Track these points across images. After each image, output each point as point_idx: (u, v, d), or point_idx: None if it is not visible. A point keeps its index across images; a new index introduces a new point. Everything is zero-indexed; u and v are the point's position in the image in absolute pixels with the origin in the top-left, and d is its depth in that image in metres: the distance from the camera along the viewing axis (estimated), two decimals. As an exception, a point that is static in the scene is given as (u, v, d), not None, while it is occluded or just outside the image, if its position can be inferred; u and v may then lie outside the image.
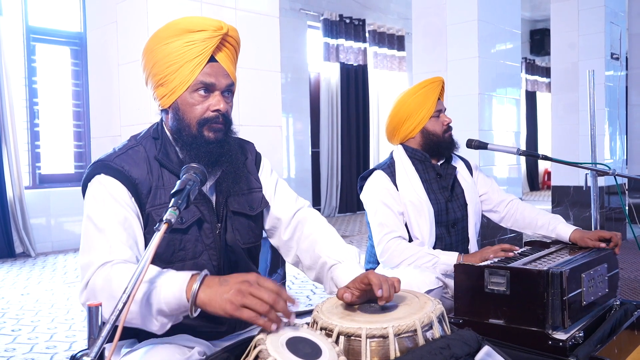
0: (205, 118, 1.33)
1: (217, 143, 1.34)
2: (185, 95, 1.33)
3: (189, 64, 1.30)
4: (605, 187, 5.84)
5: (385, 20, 9.53)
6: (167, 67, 1.32)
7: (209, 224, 1.36)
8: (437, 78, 2.25)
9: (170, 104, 1.35)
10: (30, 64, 6.07)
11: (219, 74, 1.34)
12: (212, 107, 1.33)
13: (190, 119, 1.33)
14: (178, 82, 1.32)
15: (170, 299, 1.08)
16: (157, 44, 1.33)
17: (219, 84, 1.34)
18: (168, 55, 1.31)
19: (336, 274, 1.38)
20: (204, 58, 1.31)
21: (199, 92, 1.33)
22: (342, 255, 1.42)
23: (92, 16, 2.69)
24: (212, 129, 1.33)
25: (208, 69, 1.32)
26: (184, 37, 1.30)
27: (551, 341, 1.47)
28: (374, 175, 2.20)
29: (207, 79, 1.32)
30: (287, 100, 8.05)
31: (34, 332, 3.27)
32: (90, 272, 1.18)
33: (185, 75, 1.31)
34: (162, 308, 1.09)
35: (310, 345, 1.05)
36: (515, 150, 2.36)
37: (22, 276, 4.86)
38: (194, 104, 1.33)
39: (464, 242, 2.25)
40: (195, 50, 1.30)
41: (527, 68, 13.11)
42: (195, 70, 1.31)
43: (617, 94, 6.17)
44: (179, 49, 1.30)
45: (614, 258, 1.87)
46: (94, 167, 1.33)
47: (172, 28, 1.33)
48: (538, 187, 13.77)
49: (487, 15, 4.24)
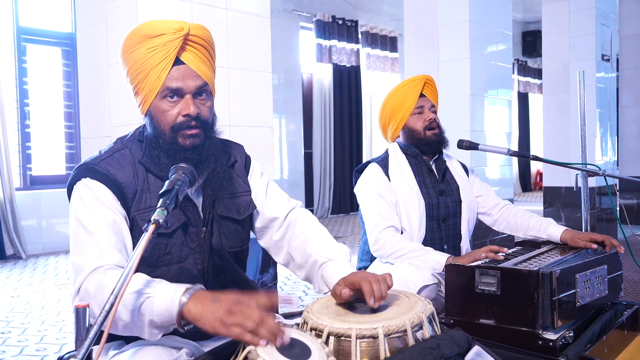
0: (178, 124, 1.30)
1: (193, 149, 1.31)
2: (155, 102, 1.31)
3: (154, 70, 1.28)
4: (596, 188, 5.86)
5: (378, 21, 9.55)
6: (136, 75, 1.30)
7: (194, 228, 1.36)
8: (419, 76, 2.30)
9: (145, 111, 1.34)
10: (21, 65, 6.04)
11: (186, 77, 1.30)
12: (183, 111, 1.30)
13: (164, 126, 1.31)
14: (148, 90, 1.30)
15: (163, 310, 1.09)
16: (125, 52, 1.32)
17: (187, 87, 1.30)
18: (135, 63, 1.30)
19: (326, 271, 1.37)
20: (168, 62, 1.28)
21: (168, 97, 1.30)
22: (333, 253, 1.41)
23: (82, 16, 2.67)
24: (185, 135, 1.30)
25: (175, 72, 1.29)
26: (146, 44, 1.28)
27: (541, 341, 1.48)
28: (369, 168, 2.25)
29: (174, 83, 1.29)
30: (280, 101, 8.04)
31: (24, 334, 3.25)
32: (82, 277, 1.18)
33: (153, 82, 1.29)
34: (153, 319, 1.10)
35: (300, 346, 1.05)
36: (506, 151, 2.37)
37: (12, 278, 4.82)
38: (165, 110, 1.31)
39: (454, 238, 2.26)
40: (158, 56, 1.27)
41: (519, 69, 13.17)
42: (161, 76, 1.28)
43: (608, 95, 6.21)
44: (143, 56, 1.28)
45: (617, 260, 1.85)
46: (80, 171, 1.32)
47: (135, 35, 1.31)
48: (530, 188, 13.82)
49: (478, 16, 4.26)
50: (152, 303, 1.09)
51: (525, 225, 2.26)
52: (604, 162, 6.09)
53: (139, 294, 1.11)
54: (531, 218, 2.26)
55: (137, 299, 1.10)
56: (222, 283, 1.43)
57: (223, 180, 1.39)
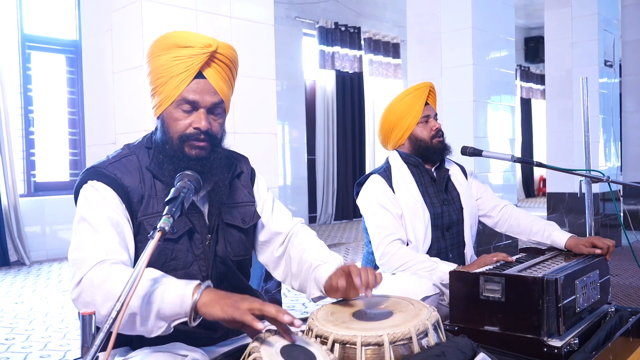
0: (187, 134, 1.33)
1: (197, 160, 1.33)
2: (170, 109, 1.33)
3: (175, 78, 1.30)
4: (600, 193, 5.85)
5: (381, 27, 9.57)
6: (157, 78, 1.33)
7: (199, 235, 1.38)
8: (424, 84, 2.26)
9: (159, 115, 1.37)
10: (26, 72, 6.06)
11: (204, 92, 1.33)
12: (194, 124, 1.32)
13: (173, 133, 1.34)
14: (164, 96, 1.33)
15: (174, 298, 1.10)
16: (151, 54, 1.35)
17: (203, 101, 1.33)
18: (158, 67, 1.32)
19: (319, 273, 1.40)
20: (189, 74, 1.31)
21: (182, 107, 1.33)
22: (327, 258, 1.45)
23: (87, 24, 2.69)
24: (193, 146, 1.33)
25: (194, 85, 1.32)
26: (173, 52, 1.31)
27: (546, 348, 1.47)
28: (371, 180, 2.21)
29: (191, 95, 1.31)
30: (283, 107, 8.06)
31: (28, 340, 3.25)
32: (85, 269, 1.18)
33: (171, 90, 1.31)
34: (163, 308, 1.11)
35: (305, 353, 1.05)
36: (510, 157, 2.37)
37: (16, 284, 4.83)
38: (177, 119, 1.33)
39: (459, 246, 2.25)
40: (181, 66, 1.30)
41: (522, 75, 13.18)
42: (180, 85, 1.31)
43: (611, 101, 6.20)
44: (167, 62, 1.31)
45: (605, 264, 1.88)
46: (87, 174, 1.34)
47: (164, 41, 1.34)
48: (534, 194, 13.80)
49: (481, 22, 4.27)
50: (163, 291, 1.11)
51: (528, 229, 2.25)
52: (608, 168, 6.08)
53: (152, 281, 1.13)
54: (534, 221, 2.25)
55: (150, 286, 1.12)
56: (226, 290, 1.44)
57: (223, 188, 1.41)
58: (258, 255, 1.61)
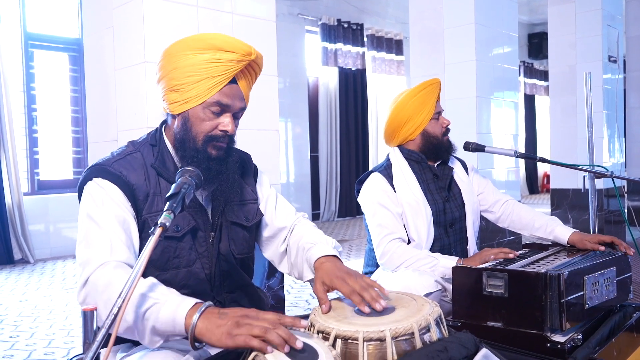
0: (212, 135, 1.34)
1: (217, 160, 1.35)
2: (197, 108, 1.34)
3: (210, 80, 1.31)
4: (604, 189, 5.83)
5: (383, 24, 9.55)
6: (187, 76, 1.32)
7: (203, 233, 1.38)
8: (435, 79, 2.24)
9: (181, 112, 1.35)
10: (29, 70, 6.08)
11: (235, 97, 1.35)
12: (222, 126, 1.34)
13: (197, 133, 1.34)
14: (194, 94, 1.32)
15: (167, 319, 1.09)
16: (183, 50, 1.34)
17: (234, 106, 1.35)
18: (191, 65, 1.32)
19: (310, 254, 1.41)
20: (225, 78, 1.32)
21: (212, 109, 1.34)
22: (319, 240, 1.46)
23: (88, 22, 2.69)
24: (215, 147, 1.35)
25: (227, 89, 1.33)
26: (213, 53, 1.31)
27: (549, 344, 1.47)
28: (371, 178, 2.20)
29: (224, 99, 1.33)
30: (286, 104, 8.06)
31: (32, 338, 3.26)
32: (90, 269, 1.19)
33: (203, 90, 1.32)
34: (156, 326, 1.10)
35: (307, 349, 1.04)
36: (513, 153, 2.36)
37: (20, 282, 4.85)
38: (204, 120, 1.34)
39: (462, 242, 2.24)
40: (220, 69, 1.31)
41: (525, 71, 13.14)
42: (214, 87, 1.32)
43: (615, 96, 6.18)
44: (204, 63, 1.31)
45: (626, 261, 1.82)
46: (91, 171, 1.34)
47: (203, 41, 1.34)
48: (537, 190, 13.77)
49: (484, 18, 4.25)
50: (158, 310, 1.10)
51: (531, 224, 2.24)
52: (612, 163, 6.05)
53: (147, 298, 1.11)
54: (536, 216, 2.24)
55: (145, 302, 1.11)
56: (229, 288, 1.44)
57: (236, 187, 1.42)
58: (263, 251, 1.61)
